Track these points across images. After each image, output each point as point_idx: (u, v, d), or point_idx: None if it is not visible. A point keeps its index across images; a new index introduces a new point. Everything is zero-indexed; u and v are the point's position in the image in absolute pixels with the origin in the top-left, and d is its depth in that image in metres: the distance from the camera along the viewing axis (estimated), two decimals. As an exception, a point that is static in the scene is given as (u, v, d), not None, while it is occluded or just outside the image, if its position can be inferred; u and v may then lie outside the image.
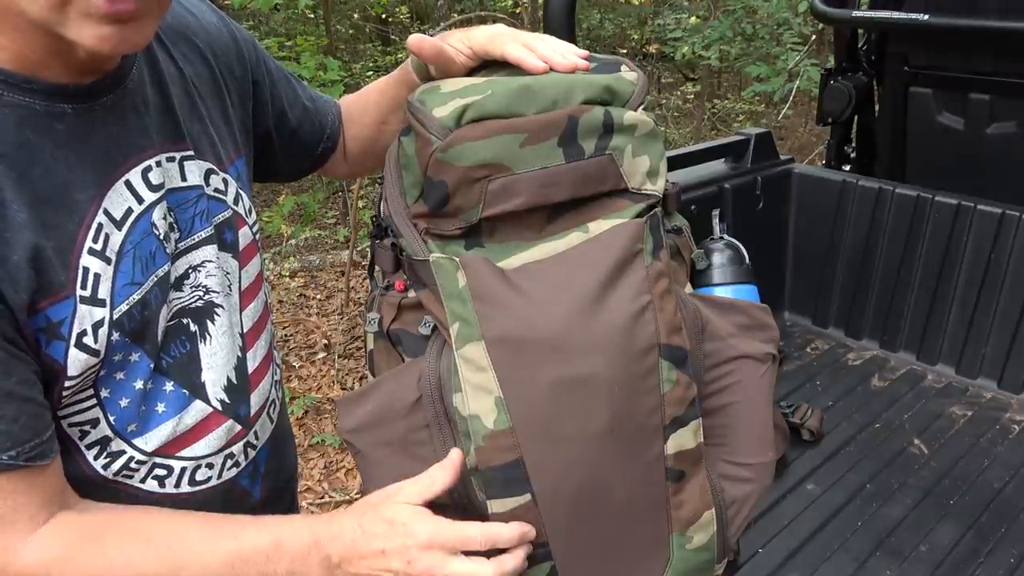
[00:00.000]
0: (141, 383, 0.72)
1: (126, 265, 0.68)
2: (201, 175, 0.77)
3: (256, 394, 0.84)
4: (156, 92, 0.74)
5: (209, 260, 0.78)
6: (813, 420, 1.63)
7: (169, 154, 0.74)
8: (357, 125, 1.02)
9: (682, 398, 0.77)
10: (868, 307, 1.98)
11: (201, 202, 0.77)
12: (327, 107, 1.01)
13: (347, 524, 0.70)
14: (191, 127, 0.77)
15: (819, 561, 1.31)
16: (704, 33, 5.69)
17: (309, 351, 3.87)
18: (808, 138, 7.03)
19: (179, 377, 0.75)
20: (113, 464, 0.73)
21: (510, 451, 0.72)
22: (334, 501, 2.75)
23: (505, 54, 0.77)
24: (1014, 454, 1.58)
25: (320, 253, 5.23)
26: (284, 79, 0.95)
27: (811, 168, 2.13)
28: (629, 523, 0.77)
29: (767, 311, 0.91)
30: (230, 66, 0.85)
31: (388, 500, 0.71)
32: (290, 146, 0.96)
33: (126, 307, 0.68)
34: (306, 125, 0.97)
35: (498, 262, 0.73)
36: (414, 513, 0.69)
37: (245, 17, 6.73)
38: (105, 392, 0.70)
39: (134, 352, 0.70)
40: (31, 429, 0.63)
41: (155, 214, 0.71)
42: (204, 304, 0.77)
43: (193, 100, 0.78)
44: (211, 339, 0.78)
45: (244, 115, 0.87)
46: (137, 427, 0.73)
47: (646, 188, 0.78)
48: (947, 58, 1.97)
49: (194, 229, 0.76)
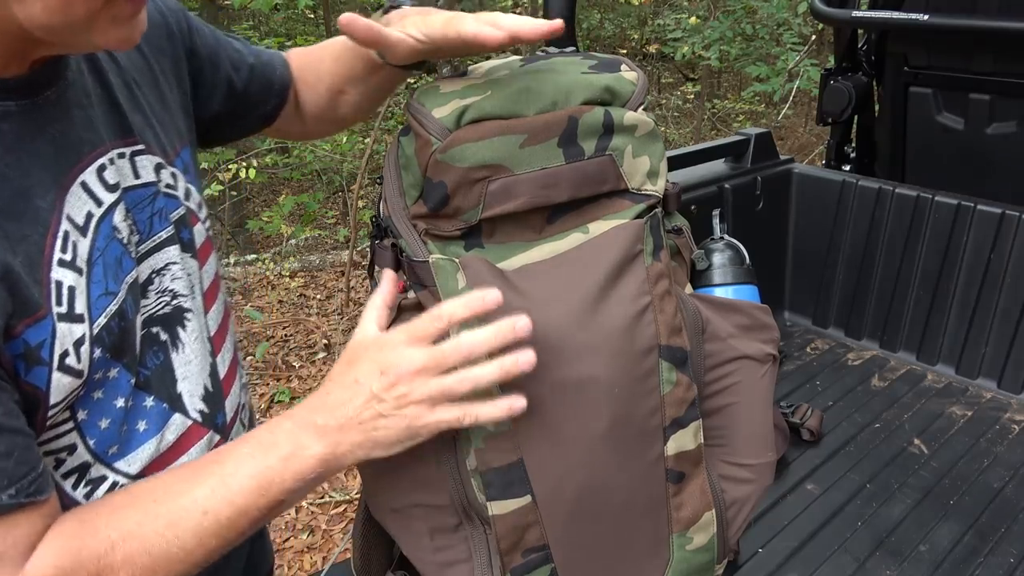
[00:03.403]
0: (122, 400, 0.66)
1: (97, 274, 0.63)
2: (153, 170, 0.72)
3: (229, 400, 0.80)
4: (96, 82, 0.68)
5: (173, 262, 0.72)
6: (813, 420, 1.63)
7: (120, 150, 0.68)
8: (312, 91, 0.95)
9: (682, 399, 0.77)
10: (868, 307, 1.98)
11: (158, 200, 0.71)
12: (273, 59, 0.93)
13: (320, 391, 0.67)
14: (135, 119, 0.71)
15: (819, 561, 1.31)
16: (704, 33, 5.69)
17: (309, 351, 3.87)
18: (808, 138, 7.03)
19: (157, 391, 0.70)
20: (96, 492, 0.67)
21: (510, 452, 0.72)
22: (334, 501, 2.75)
23: (460, 33, 0.70)
24: (1014, 454, 1.58)
25: (320, 253, 5.23)
26: (224, 43, 0.88)
27: (811, 168, 2.13)
28: (629, 524, 0.77)
29: (767, 311, 0.91)
30: (160, 45, 0.78)
31: (349, 351, 0.67)
32: (240, 108, 0.90)
33: (104, 320, 0.63)
34: (254, 85, 0.90)
35: (498, 263, 0.73)
36: (380, 349, 0.65)
37: (245, 17, 6.73)
38: (83, 414, 0.64)
39: (113, 368, 0.65)
40: (26, 463, 0.57)
41: (116, 216, 0.66)
42: (172, 310, 0.72)
43: (131, 89, 0.73)
44: (183, 347, 0.73)
45: (183, 97, 0.81)
46: (119, 449, 0.67)
47: (646, 188, 0.77)
48: (947, 58, 1.97)
49: (153, 230, 0.71)
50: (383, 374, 0.64)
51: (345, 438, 0.65)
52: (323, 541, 2.60)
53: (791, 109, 6.54)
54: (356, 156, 5.36)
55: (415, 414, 0.64)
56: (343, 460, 0.65)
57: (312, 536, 2.62)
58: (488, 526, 0.75)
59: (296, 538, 2.62)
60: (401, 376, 0.63)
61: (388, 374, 0.64)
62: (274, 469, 0.64)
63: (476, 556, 0.77)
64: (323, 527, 2.65)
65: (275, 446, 0.65)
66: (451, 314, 0.64)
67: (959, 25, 1.79)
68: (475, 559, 0.77)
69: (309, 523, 2.68)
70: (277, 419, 0.67)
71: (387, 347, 0.65)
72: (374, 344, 0.66)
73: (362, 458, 0.66)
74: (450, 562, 0.78)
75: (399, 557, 0.89)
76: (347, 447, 0.65)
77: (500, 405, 0.66)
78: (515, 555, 0.75)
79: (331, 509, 2.73)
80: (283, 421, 0.67)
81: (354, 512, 2.68)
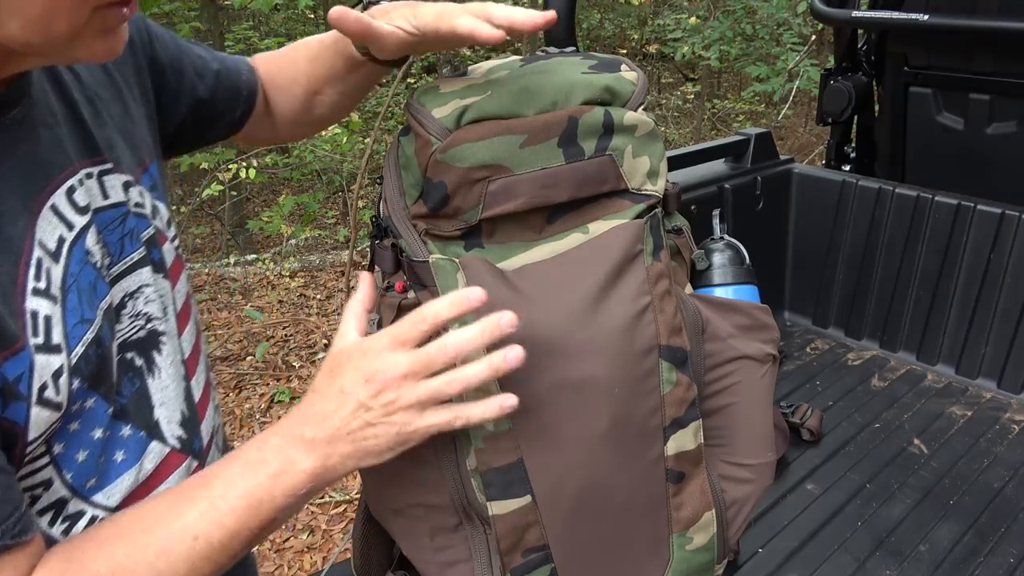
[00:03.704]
0: (100, 431, 0.63)
1: (72, 301, 0.60)
2: (122, 189, 0.69)
3: (205, 424, 0.77)
4: (60, 100, 0.65)
5: (146, 284, 0.70)
6: (813, 420, 1.63)
7: (88, 170, 0.65)
8: (286, 95, 0.92)
9: (682, 399, 0.77)
10: (868, 307, 1.98)
11: (128, 220, 0.68)
12: (238, 65, 0.90)
13: (305, 402, 0.65)
14: (101, 136, 0.68)
15: (819, 561, 1.31)
16: (704, 33, 5.69)
17: (309, 351, 3.87)
18: (808, 138, 7.03)
19: (135, 419, 0.67)
20: (74, 528, 0.64)
21: (510, 453, 0.72)
22: (334, 501, 2.75)
23: (455, 28, 0.69)
24: (1014, 454, 1.58)
25: (320, 253, 5.23)
26: (187, 49, 0.85)
27: (811, 168, 2.13)
28: (629, 524, 0.77)
29: (767, 311, 0.91)
30: (122, 57, 0.75)
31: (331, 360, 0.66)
32: (207, 115, 0.87)
33: (82, 349, 0.60)
34: (220, 91, 0.87)
35: (498, 263, 0.73)
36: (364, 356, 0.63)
37: (245, 17, 6.73)
38: (59, 447, 0.61)
39: (90, 398, 0.62)
40: (9, 502, 0.55)
41: (88, 239, 0.63)
42: (147, 334, 0.70)
43: (95, 105, 0.69)
44: (159, 372, 0.70)
45: (148, 108, 0.78)
46: (97, 481, 0.64)
47: (646, 188, 0.77)
48: (947, 58, 1.97)
49: (125, 251, 0.68)
50: (368, 381, 0.62)
51: (335, 450, 0.63)
52: (323, 541, 2.60)
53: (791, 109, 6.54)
54: (356, 156, 5.36)
55: (404, 420, 0.62)
56: (334, 472, 0.64)
57: (312, 536, 2.62)
58: (488, 526, 0.75)
59: (296, 538, 2.62)
60: (387, 382, 0.62)
61: (373, 381, 0.62)
62: (264, 487, 0.62)
63: (476, 556, 0.77)
64: (323, 527, 2.65)
65: (264, 463, 0.63)
66: (434, 315, 0.62)
67: (959, 25, 1.79)
68: (475, 559, 0.77)
69: (309, 523, 2.68)
70: (263, 435, 0.65)
71: (370, 353, 0.63)
72: (357, 351, 0.64)
73: (353, 468, 0.64)
74: (450, 562, 0.78)
75: (399, 557, 0.89)
76: (337, 459, 0.63)
77: (491, 404, 0.64)
78: (515, 555, 0.75)
79: (331, 509, 2.73)
80: (270, 437, 0.64)
81: (354, 512, 2.68)
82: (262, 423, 3.27)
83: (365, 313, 0.70)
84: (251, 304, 4.46)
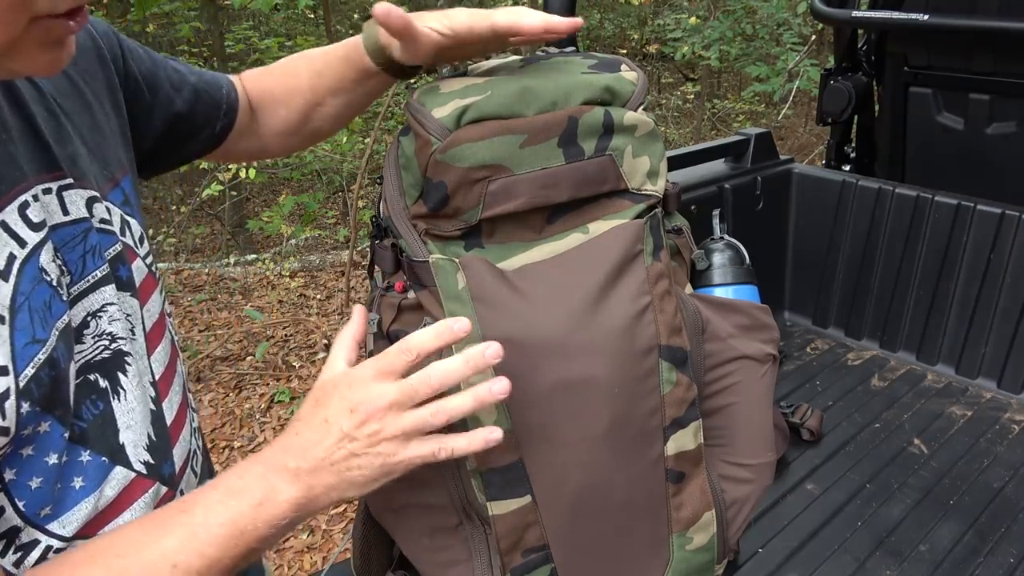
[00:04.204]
0: (55, 457, 0.60)
1: (22, 321, 0.57)
2: (84, 205, 0.66)
3: (178, 448, 0.74)
4: (15, 115, 0.63)
5: (109, 303, 0.67)
6: (813, 420, 1.63)
7: (45, 185, 0.62)
8: (284, 107, 0.91)
9: (682, 399, 0.77)
10: (868, 307, 1.98)
11: (91, 237, 0.66)
12: (218, 81, 0.89)
13: (288, 431, 0.64)
14: (62, 151, 0.65)
15: (819, 561, 1.31)
16: (704, 33, 5.69)
17: (309, 351, 3.87)
18: (808, 138, 7.03)
19: (96, 444, 0.64)
20: (27, 559, 0.60)
21: (510, 452, 0.72)
22: (334, 501, 2.75)
23: (493, 23, 0.71)
24: (1014, 454, 1.58)
25: (320, 253, 5.23)
26: (161, 63, 0.83)
27: (811, 168, 2.13)
28: (629, 524, 0.77)
29: (767, 311, 0.91)
30: (90, 70, 0.73)
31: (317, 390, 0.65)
32: (185, 129, 0.85)
33: (32, 371, 0.57)
34: (199, 105, 0.86)
35: (498, 263, 0.73)
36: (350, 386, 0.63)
37: (245, 17, 6.73)
38: (10, 474, 0.57)
39: (44, 421, 0.59)
40: None
41: (42, 257, 0.60)
42: (112, 354, 0.67)
43: (58, 119, 0.67)
44: (125, 394, 0.67)
45: (121, 123, 0.76)
46: (52, 510, 0.61)
47: (646, 188, 0.77)
48: (947, 58, 1.97)
49: (86, 269, 0.65)
50: (353, 412, 0.62)
51: (318, 481, 0.62)
52: (323, 541, 2.60)
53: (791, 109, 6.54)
54: (356, 156, 5.36)
55: (389, 451, 0.62)
56: (317, 503, 0.63)
57: (312, 536, 2.62)
58: (488, 526, 0.75)
59: (296, 538, 2.62)
60: (371, 413, 0.61)
61: (358, 411, 0.61)
62: (246, 516, 0.60)
63: (476, 556, 0.77)
64: (323, 527, 2.65)
65: (246, 491, 0.61)
66: (419, 345, 0.62)
67: (959, 25, 1.79)
68: (475, 559, 0.77)
69: (309, 523, 2.68)
70: (245, 463, 0.64)
71: (356, 384, 0.63)
72: (343, 381, 0.64)
73: (336, 500, 0.63)
74: (450, 562, 0.78)
75: (399, 557, 0.89)
76: (321, 490, 0.62)
77: (476, 437, 0.64)
78: (515, 555, 0.75)
79: (331, 509, 2.73)
80: (252, 465, 0.63)
81: (354, 512, 2.68)
82: (262, 423, 3.27)
83: (356, 344, 0.69)
84: (251, 304, 4.46)
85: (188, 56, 5.65)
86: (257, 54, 5.17)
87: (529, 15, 0.72)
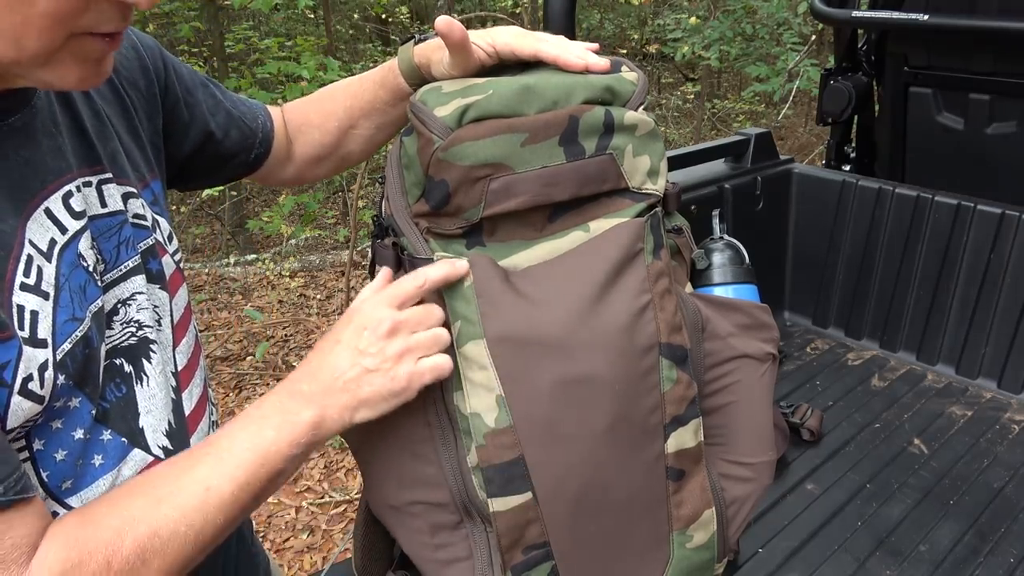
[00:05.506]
0: (81, 432, 0.63)
1: (64, 299, 0.61)
2: (121, 200, 0.71)
3: (195, 437, 0.77)
4: (65, 112, 0.68)
5: (139, 292, 0.71)
6: (813, 420, 1.63)
7: (87, 178, 0.67)
8: (318, 131, 0.96)
9: (682, 397, 0.77)
10: (868, 307, 1.98)
11: (125, 229, 0.70)
12: (254, 111, 0.94)
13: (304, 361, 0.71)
14: (104, 148, 0.71)
15: (819, 561, 1.31)
16: (704, 33, 5.69)
17: (309, 351, 3.87)
18: (808, 138, 7.03)
19: (117, 424, 0.67)
20: None
21: (511, 449, 0.72)
22: (334, 501, 2.75)
23: (539, 52, 0.76)
24: (1014, 454, 1.58)
25: (320, 253, 5.23)
26: (200, 84, 0.88)
27: (811, 168, 2.13)
28: (629, 522, 0.77)
29: (767, 311, 0.91)
30: (133, 80, 0.78)
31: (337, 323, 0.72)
32: (219, 152, 0.90)
33: (69, 346, 0.61)
34: (233, 131, 0.90)
35: (499, 261, 0.73)
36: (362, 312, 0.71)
37: (245, 17, 6.73)
38: (39, 444, 0.61)
39: (75, 397, 0.62)
40: (7, 463, 0.56)
41: (81, 244, 0.64)
42: (138, 341, 0.70)
43: (102, 120, 0.72)
44: (148, 380, 0.71)
45: (153, 134, 0.81)
46: (73, 484, 0.64)
47: (646, 188, 0.78)
48: (947, 58, 1.97)
49: (120, 259, 0.69)
50: (365, 330, 0.69)
51: (332, 400, 0.67)
52: (323, 541, 2.60)
53: (791, 109, 6.55)
54: (356, 156, 5.34)
55: (398, 367, 0.68)
56: (332, 423, 0.68)
57: (312, 536, 2.62)
58: (489, 523, 0.75)
59: (296, 538, 2.62)
60: (383, 331, 0.68)
61: (370, 329, 0.68)
62: (268, 438, 0.65)
63: (477, 554, 0.77)
64: (323, 527, 2.65)
65: (265, 419, 0.67)
66: (425, 276, 0.71)
67: (959, 25, 1.79)
68: (476, 557, 0.78)
69: (309, 523, 2.68)
70: (263, 397, 0.69)
71: (367, 306, 0.70)
72: (357, 309, 0.71)
73: (349, 421, 0.68)
74: (451, 560, 0.78)
75: (400, 557, 0.89)
76: (335, 409, 0.67)
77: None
78: (516, 552, 0.75)
79: (331, 509, 2.73)
80: (269, 396, 0.69)
81: (354, 512, 2.68)
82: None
83: (386, 283, 0.75)
84: (251, 304, 4.46)
85: (188, 56, 5.66)
86: (257, 54, 5.17)
87: (571, 54, 0.76)
